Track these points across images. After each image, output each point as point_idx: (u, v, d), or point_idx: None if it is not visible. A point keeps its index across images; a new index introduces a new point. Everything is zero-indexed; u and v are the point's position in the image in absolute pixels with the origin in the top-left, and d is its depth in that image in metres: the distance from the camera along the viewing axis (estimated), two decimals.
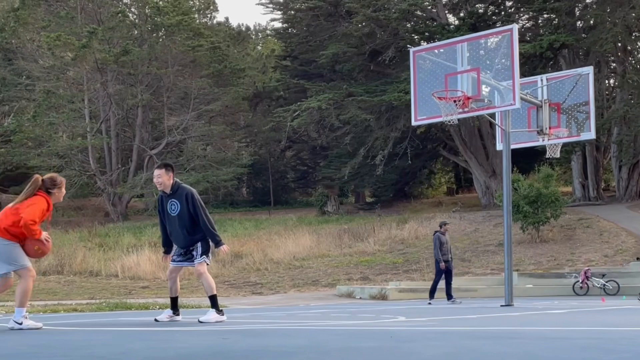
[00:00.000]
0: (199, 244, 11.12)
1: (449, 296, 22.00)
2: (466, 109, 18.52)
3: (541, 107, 20.67)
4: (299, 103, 52.70)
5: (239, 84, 61.86)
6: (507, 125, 19.71)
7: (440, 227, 22.58)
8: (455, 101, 18.39)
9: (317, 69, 59.04)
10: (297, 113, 52.30)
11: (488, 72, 18.71)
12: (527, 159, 48.70)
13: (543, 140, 21.04)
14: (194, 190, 11.23)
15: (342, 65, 56.06)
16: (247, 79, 65.65)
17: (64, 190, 10.10)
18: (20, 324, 9.47)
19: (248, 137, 70.89)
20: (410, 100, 20.23)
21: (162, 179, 11.09)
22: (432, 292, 22.24)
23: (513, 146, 20.43)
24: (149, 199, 55.84)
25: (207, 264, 11.21)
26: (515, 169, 35.18)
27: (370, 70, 56.61)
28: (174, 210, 11.11)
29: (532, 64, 45.47)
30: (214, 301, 11.16)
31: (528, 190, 35.55)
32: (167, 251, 11.51)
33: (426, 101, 19.28)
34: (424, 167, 66.06)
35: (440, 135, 58.43)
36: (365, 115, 51.02)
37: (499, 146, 21.25)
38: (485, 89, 18.79)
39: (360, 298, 27.02)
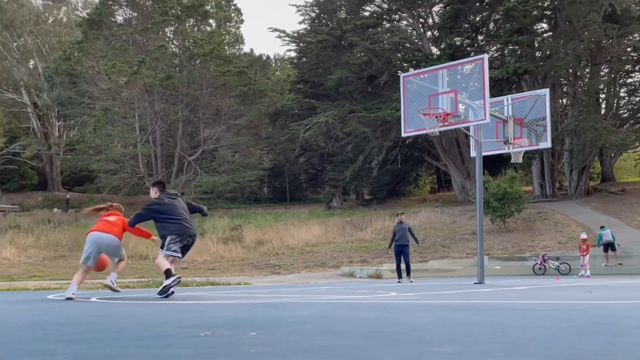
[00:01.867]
0: (163, 240, 11.14)
1: (407, 274, 21.22)
2: (446, 123, 18.50)
3: (507, 121, 20.64)
4: (310, 118, 52.82)
5: (261, 103, 61.91)
6: (479, 136, 19.70)
7: (397, 216, 22.23)
8: (437, 117, 18.37)
9: (324, 90, 59.04)
10: (308, 126, 52.40)
11: (464, 93, 18.69)
12: (495, 164, 48.74)
13: (508, 148, 20.99)
14: (154, 201, 11.31)
15: (345, 87, 56.09)
16: (267, 99, 65.66)
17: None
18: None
19: (268, 146, 70.90)
20: (400, 116, 20.22)
21: (151, 194, 11.60)
22: (397, 272, 21.67)
23: (484, 153, 20.42)
24: (188, 197, 55.79)
25: (169, 255, 11.01)
26: (486, 172, 35.14)
27: (368, 92, 56.63)
28: None
29: (499, 87, 45.43)
30: (166, 274, 11.03)
31: (496, 189, 35.56)
32: None
33: (413, 117, 19.26)
34: (411, 170, 65.99)
35: (424, 144, 58.40)
36: (363, 128, 51.07)
37: (473, 153, 21.23)
38: (461, 107, 18.76)
39: (359, 277, 27.02)
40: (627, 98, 56.30)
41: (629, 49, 50.44)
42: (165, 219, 11.09)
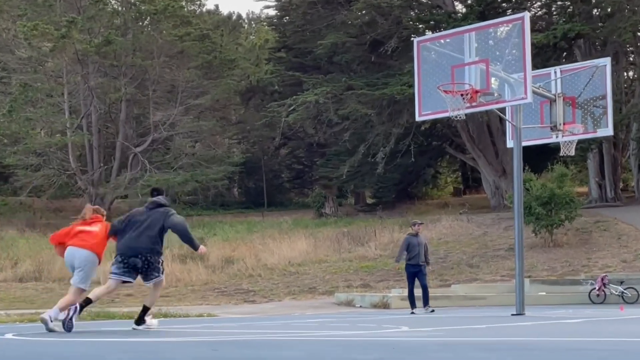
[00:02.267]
0: None
1: (424, 302, 21.33)
2: (474, 104, 18.50)
3: (555, 101, 20.65)
4: (294, 97, 52.69)
5: (230, 77, 61.81)
6: (518, 121, 19.72)
7: (413, 226, 22.14)
8: (462, 95, 18.36)
9: (314, 60, 59.03)
10: (292, 108, 52.29)
11: (498, 63, 18.69)
12: (539, 157, 48.74)
13: (557, 136, 21.00)
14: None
15: (341, 56, 56.05)
16: (238, 70, 65.58)
17: None
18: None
19: (240, 133, 70.93)
20: (414, 93, 20.22)
21: None
22: (410, 300, 21.65)
23: (524, 143, 20.43)
24: (134, 200, 55.59)
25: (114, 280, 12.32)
26: (526, 167, 35.14)
27: (371, 62, 56.63)
28: None
29: (544, 55, 45.51)
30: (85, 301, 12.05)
31: (541, 190, 35.58)
32: None
33: (431, 95, 19.25)
34: (428, 165, 66.02)
35: (446, 132, 58.43)
36: (365, 109, 51.02)
37: (510, 143, 21.24)
38: (494, 82, 18.77)
39: (360, 306, 27.03)
40: None
41: None
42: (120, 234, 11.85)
